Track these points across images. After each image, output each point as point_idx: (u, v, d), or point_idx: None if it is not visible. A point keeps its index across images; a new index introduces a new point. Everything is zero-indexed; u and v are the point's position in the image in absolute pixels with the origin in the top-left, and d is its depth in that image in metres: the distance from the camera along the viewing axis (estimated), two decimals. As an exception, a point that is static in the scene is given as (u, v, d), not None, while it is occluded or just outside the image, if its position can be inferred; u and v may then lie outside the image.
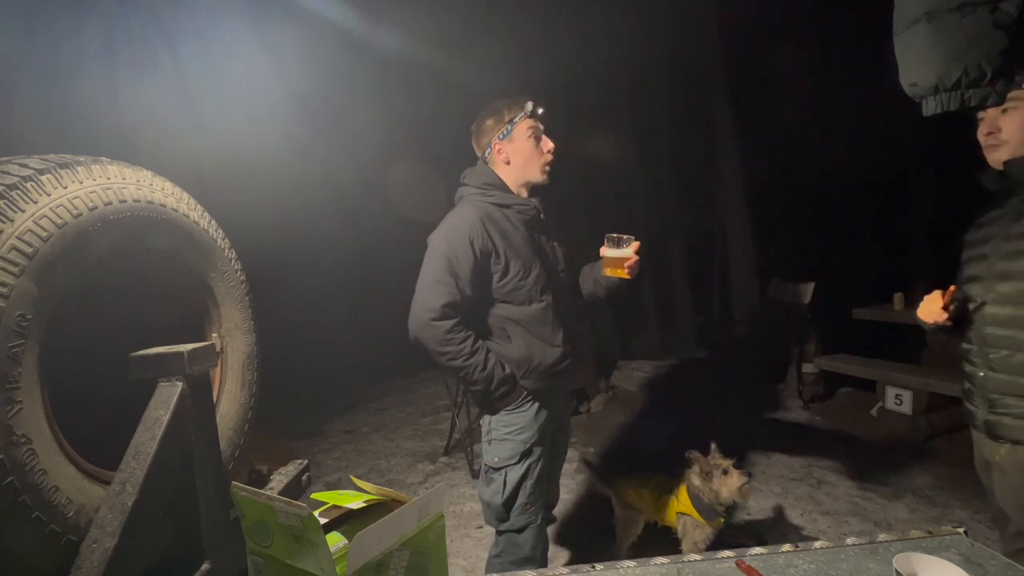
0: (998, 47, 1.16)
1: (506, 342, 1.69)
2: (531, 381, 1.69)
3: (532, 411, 1.70)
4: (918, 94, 1.32)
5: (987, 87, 1.20)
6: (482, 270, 1.63)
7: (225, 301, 1.63)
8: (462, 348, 1.59)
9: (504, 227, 1.68)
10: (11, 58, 2.52)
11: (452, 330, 1.58)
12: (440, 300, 1.58)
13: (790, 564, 1.00)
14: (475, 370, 1.60)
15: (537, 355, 1.69)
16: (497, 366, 1.64)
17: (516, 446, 1.67)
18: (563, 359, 1.73)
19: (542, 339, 1.69)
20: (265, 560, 0.73)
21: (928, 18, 1.20)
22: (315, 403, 5.15)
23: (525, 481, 1.68)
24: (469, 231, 1.62)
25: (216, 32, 3.69)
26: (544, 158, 1.72)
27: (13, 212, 1.03)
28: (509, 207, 1.71)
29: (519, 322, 1.68)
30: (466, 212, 1.68)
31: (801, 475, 3.12)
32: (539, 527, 1.71)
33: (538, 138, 1.72)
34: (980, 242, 1.41)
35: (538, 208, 1.74)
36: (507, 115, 1.72)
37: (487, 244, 1.63)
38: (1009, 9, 1.12)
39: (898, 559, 0.88)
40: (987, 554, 0.98)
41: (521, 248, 1.68)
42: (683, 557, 1.05)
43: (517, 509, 1.68)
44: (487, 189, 1.72)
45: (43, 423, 1.08)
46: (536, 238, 1.75)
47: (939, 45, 1.20)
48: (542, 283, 1.69)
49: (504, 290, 1.67)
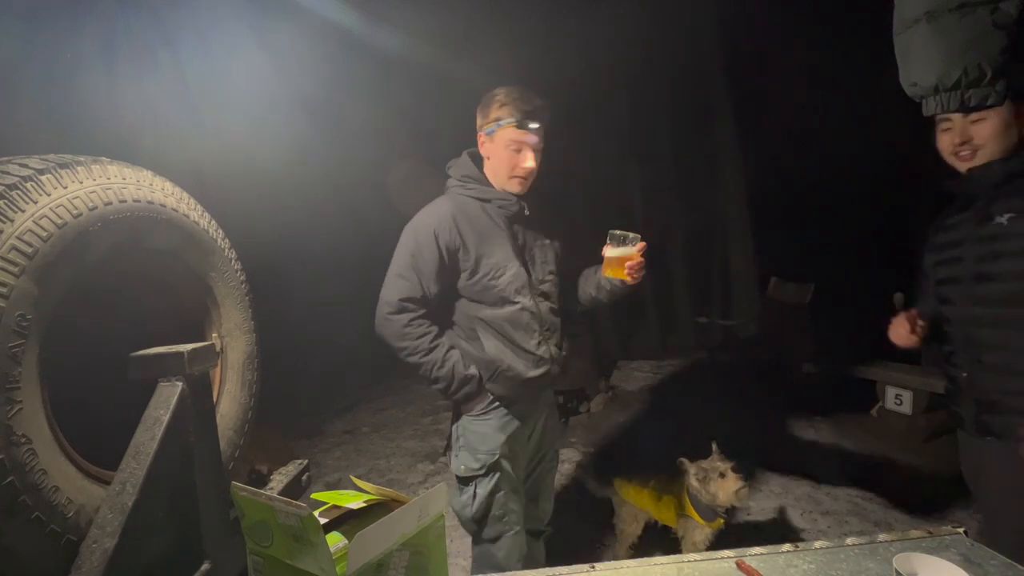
0: (998, 47, 1.16)
1: (475, 342, 1.61)
2: (498, 386, 1.60)
3: (500, 419, 1.62)
4: (918, 94, 1.32)
5: (987, 87, 1.20)
6: (449, 267, 1.57)
7: (225, 301, 1.63)
8: (419, 344, 1.54)
9: (480, 223, 1.59)
10: (11, 58, 2.52)
11: (409, 324, 1.54)
12: (398, 294, 1.55)
13: (790, 564, 1.00)
14: (433, 367, 1.54)
15: (506, 360, 1.59)
16: (458, 365, 1.56)
17: (483, 457, 1.59)
18: (536, 367, 1.61)
19: (513, 344, 1.59)
20: (265, 560, 0.73)
21: (928, 18, 1.20)
22: (315, 403, 5.15)
23: (496, 495, 1.59)
24: (436, 226, 1.55)
25: (216, 32, 3.68)
26: (516, 172, 1.59)
27: (13, 212, 1.03)
28: (489, 201, 1.62)
29: (489, 323, 1.59)
30: (438, 206, 1.62)
31: (801, 475, 3.12)
32: (515, 535, 1.62)
33: (518, 151, 1.57)
34: (950, 245, 1.42)
35: (522, 204, 1.62)
36: (494, 113, 1.58)
37: (454, 240, 1.55)
38: (1009, 9, 1.12)
39: (898, 559, 0.88)
40: (987, 554, 0.98)
41: (496, 246, 1.58)
42: (683, 557, 1.05)
43: (490, 521, 1.61)
44: (466, 182, 1.64)
45: (43, 423, 1.08)
46: (519, 236, 1.64)
47: (939, 45, 1.20)
48: (518, 284, 1.58)
49: (474, 289, 1.58)
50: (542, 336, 1.63)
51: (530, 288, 1.61)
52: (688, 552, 1.04)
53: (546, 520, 1.91)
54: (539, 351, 1.62)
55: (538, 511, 1.87)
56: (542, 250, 1.67)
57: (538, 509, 1.87)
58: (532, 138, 1.56)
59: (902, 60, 1.31)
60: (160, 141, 3.05)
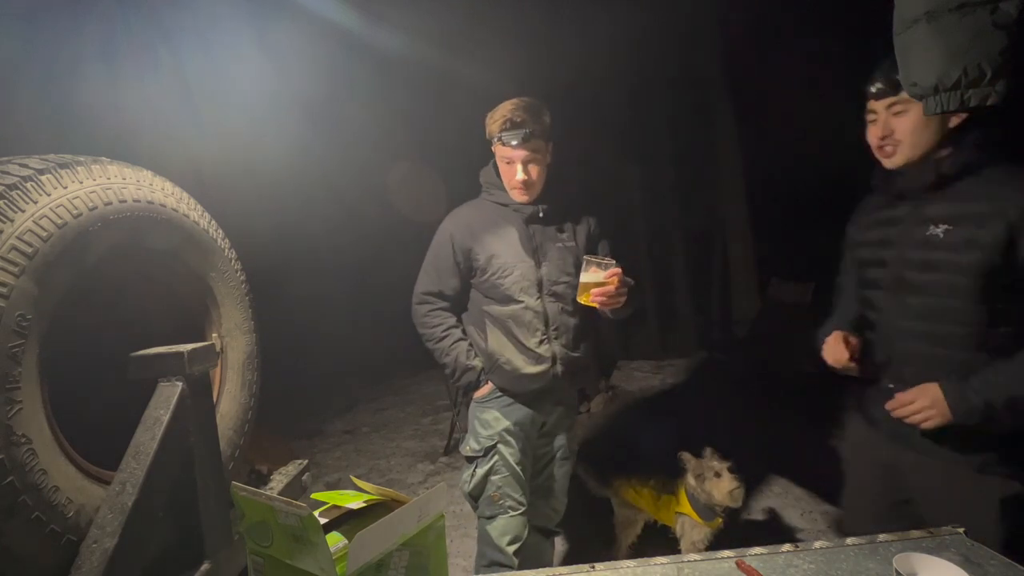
0: (998, 47, 1.15)
1: (482, 334, 1.75)
2: (498, 378, 1.72)
3: (501, 408, 1.73)
4: (918, 94, 1.32)
5: (987, 87, 1.20)
6: (462, 265, 1.73)
7: (225, 301, 1.63)
8: (433, 332, 1.76)
9: (496, 225, 1.71)
10: (11, 58, 2.52)
11: (428, 315, 1.77)
12: (420, 287, 1.79)
13: (790, 564, 1.00)
14: (441, 354, 1.75)
15: (506, 354, 1.70)
16: (461, 355, 1.73)
17: (484, 440, 1.72)
18: (535, 364, 1.69)
19: (515, 341, 1.69)
20: (265, 560, 0.73)
21: (928, 18, 1.20)
22: (315, 403, 5.15)
23: (491, 476, 1.71)
24: (452, 228, 1.74)
25: (216, 32, 3.68)
26: (512, 184, 1.67)
27: (13, 212, 1.03)
28: (506, 206, 1.74)
29: (496, 319, 1.71)
30: (461, 210, 1.80)
31: (801, 475, 3.12)
32: (510, 518, 1.71)
33: (509, 164, 1.66)
34: (877, 245, 1.36)
35: (538, 207, 1.72)
36: (488, 128, 1.69)
37: (466, 241, 1.71)
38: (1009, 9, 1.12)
39: (898, 559, 0.88)
40: (987, 554, 0.98)
41: (509, 247, 1.69)
42: (683, 557, 1.05)
43: (484, 500, 1.73)
44: (489, 188, 1.79)
45: (43, 423, 1.08)
46: (536, 237, 1.73)
47: (939, 45, 1.20)
48: (524, 284, 1.68)
49: (484, 286, 1.72)
50: (546, 335, 1.70)
51: (539, 288, 1.70)
52: (687, 552, 1.04)
53: (556, 520, 1.94)
54: (539, 349, 1.69)
55: (548, 508, 1.91)
56: (560, 252, 1.73)
57: (548, 507, 1.91)
58: (518, 152, 1.62)
59: (902, 60, 1.31)
60: (160, 141, 3.04)
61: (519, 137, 1.60)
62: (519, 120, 1.61)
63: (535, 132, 1.62)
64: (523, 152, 1.62)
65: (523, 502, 1.74)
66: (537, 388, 1.72)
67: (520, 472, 1.73)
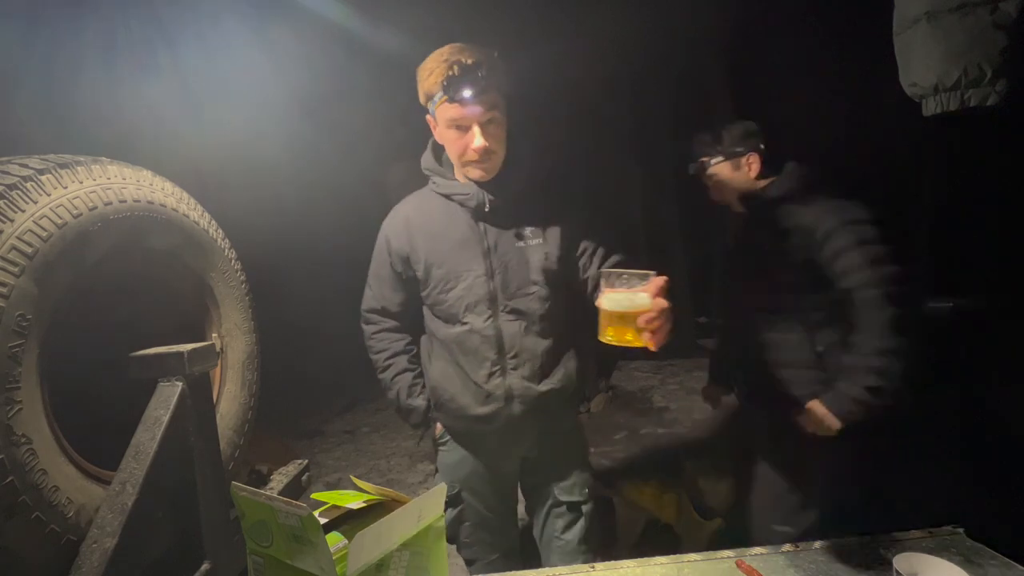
0: (998, 47, 1.15)
1: (428, 363, 1.40)
2: (446, 416, 1.38)
3: (456, 453, 1.41)
4: (918, 94, 1.32)
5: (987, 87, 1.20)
6: (404, 275, 1.39)
7: (225, 301, 1.63)
8: (377, 359, 1.46)
9: (437, 224, 1.33)
10: (11, 58, 2.52)
11: (372, 337, 1.48)
12: (364, 304, 1.50)
13: (790, 564, 1.00)
14: (384, 387, 1.45)
15: (450, 388, 1.33)
16: (403, 390, 1.41)
17: (448, 485, 1.35)
18: (483, 404, 1.30)
19: (461, 369, 1.32)
20: (265, 560, 0.73)
21: (928, 18, 1.20)
22: (315, 403, 5.15)
23: (461, 524, 1.44)
24: (389, 230, 1.40)
25: (216, 32, 3.68)
26: (467, 156, 1.24)
27: (13, 212, 1.03)
28: (449, 197, 1.33)
29: (443, 342, 1.34)
30: (399, 206, 1.42)
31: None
32: (491, 563, 1.46)
33: (462, 129, 1.21)
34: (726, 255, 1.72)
35: (483, 196, 1.28)
36: (424, 87, 1.24)
37: (403, 247, 1.36)
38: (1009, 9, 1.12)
39: (898, 559, 0.88)
40: (987, 554, 0.98)
41: (451, 252, 1.30)
42: (683, 557, 1.05)
43: (460, 544, 1.48)
44: (429, 175, 1.39)
45: (43, 423, 1.08)
46: (488, 237, 1.30)
47: (939, 45, 1.20)
48: (470, 300, 1.28)
49: (428, 301, 1.36)
50: (499, 365, 1.29)
51: (491, 304, 1.28)
52: (687, 551, 1.04)
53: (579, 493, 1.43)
54: (488, 384, 1.30)
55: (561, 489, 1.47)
56: (520, 254, 1.29)
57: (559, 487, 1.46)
58: (473, 109, 1.18)
59: (902, 60, 1.31)
60: (160, 141, 3.04)
61: (474, 86, 1.15)
62: (469, 62, 1.16)
63: (492, 80, 1.18)
64: (479, 108, 1.18)
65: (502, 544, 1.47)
66: (490, 431, 1.34)
67: (496, 517, 1.46)
